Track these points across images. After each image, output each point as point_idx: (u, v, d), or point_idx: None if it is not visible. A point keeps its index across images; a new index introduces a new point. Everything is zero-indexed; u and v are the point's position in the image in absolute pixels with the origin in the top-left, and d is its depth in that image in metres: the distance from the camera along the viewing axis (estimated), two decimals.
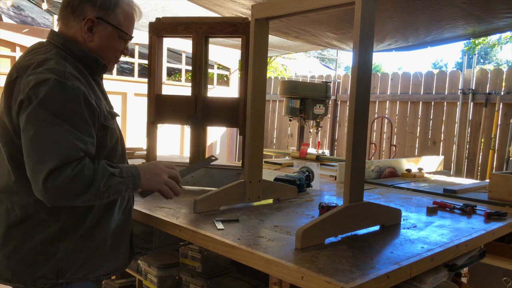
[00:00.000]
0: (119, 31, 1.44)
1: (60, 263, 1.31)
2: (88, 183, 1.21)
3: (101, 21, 1.40)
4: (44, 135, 1.19)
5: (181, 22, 2.15)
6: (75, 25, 1.40)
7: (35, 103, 1.20)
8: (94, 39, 1.41)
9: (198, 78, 2.16)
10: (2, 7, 5.98)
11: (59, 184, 1.16)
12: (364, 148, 1.44)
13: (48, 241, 1.30)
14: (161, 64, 2.23)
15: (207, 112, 2.17)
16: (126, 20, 1.46)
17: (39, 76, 1.23)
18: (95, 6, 1.39)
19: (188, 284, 1.87)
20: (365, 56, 1.39)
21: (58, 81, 1.23)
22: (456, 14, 3.49)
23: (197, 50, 2.15)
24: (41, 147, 1.18)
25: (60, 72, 1.25)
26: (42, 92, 1.20)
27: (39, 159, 1.17)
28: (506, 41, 9.78)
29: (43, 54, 1.32)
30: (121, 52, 1.51)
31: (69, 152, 1.19)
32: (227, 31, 2.13)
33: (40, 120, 1.19)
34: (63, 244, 1.32)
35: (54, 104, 1.21)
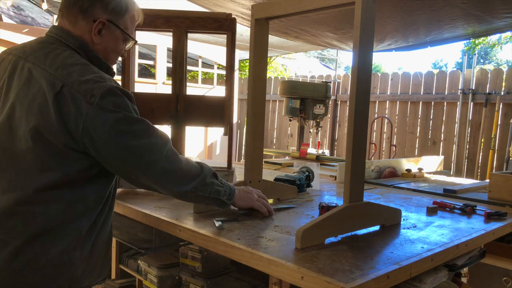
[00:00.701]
0: (125, 35, 1.44)
1: (75, 272, 1.30)
2: (198, 168, 1.40)
3: (111, 24, 1.39)
4: (142, 133, 1.29)
5: (161, 16, 2.01)
6: (83, 26, 1.36)
7: (116, 112, 1.24)
8: (102, 42, 1.39)
9: (179, 75, 2.04)
10: (2, 7, 5.98)
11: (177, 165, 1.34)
12: (364, 148, 1.44)
13: (66, 251, 1.27)
14: (134, 61, 2.09)
15: (190, 111, 2.05)
16: (131, 24, 1.46)
17: (100, 85, 1.24)
18: (106, 9, 1.37)
19: (188, 284, 1.87)
20: (365, 56, 1.39)
21: (117, 88, 1.28)
22: (456, 14, 3.49)
23: (178, 45, 2.03)
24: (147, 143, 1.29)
25: (109, 79, 1.30)
26: (115, 101, 1.25)
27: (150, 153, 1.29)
28: (506, 41, 9.78)
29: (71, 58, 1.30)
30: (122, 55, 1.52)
31: (166, 137, 1.36)
32: (211, 27, 2.02)
33: (131, 123, 1.27)
34: (79, 252, 1.30)
35: (127, 107, 1.28)
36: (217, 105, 2.06)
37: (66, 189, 1.26)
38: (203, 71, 7.14)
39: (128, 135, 1.26)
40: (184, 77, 2.06)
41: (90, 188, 1.31)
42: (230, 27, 2.01)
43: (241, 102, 7.96)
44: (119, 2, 1.40)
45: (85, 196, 1.30)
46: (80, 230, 1.29)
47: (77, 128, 1.22)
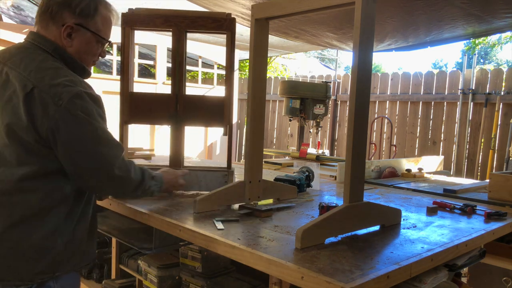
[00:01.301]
0: (98, 37, 1.51)
1: (57, 257, 1.40)
2: (141, 177, 1.55)
3: (80, 27, 1.46)
4: (99, 139, 1.40)
5: (160, 15, 2.01)
6: (54, 30, 1.45)
7: (80, 116, 1.34)
8: (73, 45, 1.47)
9: (179, 75, 2.03)
10: (2, 7, 5.98)
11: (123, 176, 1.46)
12: (364, 148, 1.44)
13: (46, 237, 1.38)
14: (133, 60, 2.09)
15: (188, 111, 2.05)
16: (104, 25, 1.53)
17: (69, 90, 1.34)
18: (74, 13, 1.44)
19: (188, 284, 1.87)
20: (365, 56, 1.39)
21: (86, 93, 1.37)
22: (456, 14, 3.49)
23: (178, 45, 2.02)
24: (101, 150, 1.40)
25: (78, 83, 1.39)
26: (81, 106, 1.35)
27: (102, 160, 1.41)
28: (506, 41, 9.78)
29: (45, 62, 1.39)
30: (98, 55, 1.58)
31: (120, 148, 1.47)
32: (210, 27, 2.01)
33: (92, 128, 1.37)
34: (59, 239, 1.40)
35: (93, 112, 1.38)
36: (216, 105, 2.05)
37: (43, 180, 1.38)
38: (203, 71, 7.14)
39: (87, 140, 1.37)
40: (184, 77, 2.05)
41: (65, 179, 1.41)
42: (229, 27, 2.00)
43: (241, 102, 7.95)
44: (87, 5, 1.46)
45: (61, 186, 1.41)
46: (59, 217, 1.41)
47: (42, 127, 1.32)
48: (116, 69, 5.34)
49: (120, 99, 2.04)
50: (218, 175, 2.02)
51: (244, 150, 2.11)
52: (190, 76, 9.20)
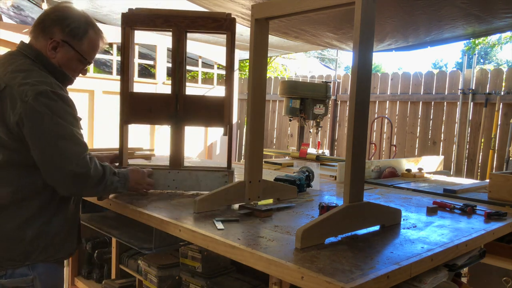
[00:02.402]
0: (81, 57, 1.64)
1: (27, 246, 1.51)
2: (102, 175, 1.56)
3: (66, 44, 1.60)
4: (61, 138, 1.45)
5: (160, 15, 2.00)
6: (42, 41, 1.59)
7: (43, 113, 1.42)
8: (57, 57, 1.60)
9: (179, 75, 2.02)
10: (2, 7, 5.98)
11: (83, 173, 1.48)
12: (364, 148, 1.44)
13: (18, 227, 1.49)
14: (133, 60, 2.08)
15: (189, 111, 2.04)
16: (90, 48, 1.66)
17: (35, 88, 1.44)
18: (64, 31, 1.59)
19: (188, 284, 1.87)
20: (365, 56, 1.39)
21: (53, 92, 1.46)
22: (456, 14, 3.49)
23: (178, 45, 2.02)
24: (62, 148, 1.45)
25: (49, 83, 1.48)
26: (45, 103, 1.43)
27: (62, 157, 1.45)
28: (506, 41, 9.79)
29: (22, 65, 1.52)
30: (78, 73, 1.71)
31: (84, 148, 1.51)
32: (210, 27, 2.01)
33: (54, 125, 1.44)
34: (30, 230, 1.51)
35: (58, 110, 1.46)
36: (216, 105, 2.05)
37: (14, 173, 1.49)
38: (203, 71, 7.14)
39: (47, 135, 1.44)
40: (184, 77, 2.05)
41: (38, 173, 1.49)
42: (229, 27, 2.00)
43: (241, 102, 7.95)
44: (77, 27, 1.61)
45: (34, 180, 1.50)
46: (31, 210, 1.51)
47: (10, 122, 1.44)
48: (116, 69, 5.34)
49: (120, 99, 2.02)
50: (218, 175, 2.02)
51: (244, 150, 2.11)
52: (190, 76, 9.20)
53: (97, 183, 1.56)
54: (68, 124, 1.48)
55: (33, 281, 1.53)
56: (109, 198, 1.88)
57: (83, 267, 2.53)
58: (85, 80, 4.94)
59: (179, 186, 2.03)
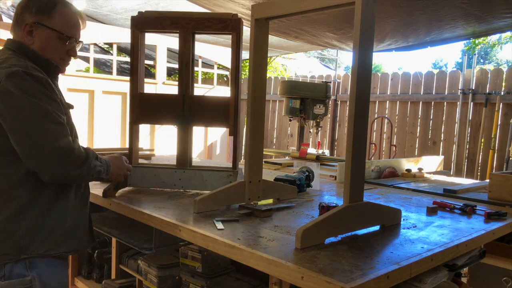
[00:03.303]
0: (57, 33, 1.56)
1: (22, 239, 1.44)
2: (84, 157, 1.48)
3: (38, 25, 1.54)
4: (36, 116, 1.39)
5: (167, 17, 2.05)
6: (19, 32, 1.56)
7: (16, 92, 1.37)
8: (35, 42, 1.55)
9: (186, 76, 2.07)
10: (2, 7, 5.98)
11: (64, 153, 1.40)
12: (364, 148, 1.44)
13: (8, 219, 1.43)
14: (143, 61, 2.14)
15: (195, 111, 2.08)
16: (63, 22, 1.58)
17: (7, 70, 1.40)
18: (31, 12, 1.54)
19: (188, 284, 1.87)
20: (365, 56, 1.39)
21: (25, 72, 1.41)
22: (456, 14, 3.49)
23: (185, 46, 2.06)
24: (38, 127, 1.38)
25: (24, 66, 1.44)
26: (17, 82, 1.39)
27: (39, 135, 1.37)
28: (506, 41, 9.79)
29: (3, 56, 1.50)
30: (67, 54, 1.62)
31: (61, 127, 1.43)
32: (217, 28, 2.04)
33: (29, 104, 1.38)
34: (24, 222, 1.44)
35: (32, 89, 1.40)
36: (223, 106, 2.08)
37: None
38: (203, 71, 7.14)
39: (22, 116, 1.38)
40: (191, 78, 2.10)
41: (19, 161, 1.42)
42: (235, 27, 2.02)
43: (241, 102, 7.95)
44: (44, 4, 1.55)
45: (16, 167, 1.44)
46: (20, 201, 1.45)
47: None
48: (116, 69, 5.34)
49: (130, 100, 2.10)
50: (223, 175, 2.05)
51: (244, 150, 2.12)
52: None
53: (81, 165, 1.47)
54: (43, 103, 1.41)
55: (31, 282, 1.45)
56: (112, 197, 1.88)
57: (83, 267, 2.53)
58: (85, 80, 4.94)
59: (185, 185, 2.08)
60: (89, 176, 1.54)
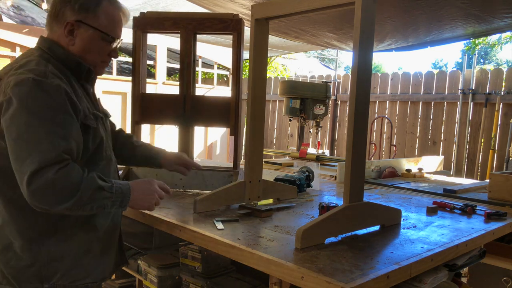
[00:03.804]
0: (101, 33, 1.40)
1: (43, 268, 1.30)
2: (72, 190, 1.19)
3: (81, 24, 1.37)
4: (26, 137, 1.18)
5: (169, 17, 2.06)
6: (57, 30, 1.39)
7: (16, 104, 1.20)
8: (76, 43, 1.38)
9: (187, 77, 2.09)
10: (2, 7, 5.98)
11: (40, 187, 1.15)
12: (364, 148, 1.44)
13: (27, 246, 1.29)
14: (145, 62, 2.14)
15: (196, 111, 2.10)
16: (109, 21, 1.41)
17: (18, 77, 1.23)
18: (74, 9, 1.36)
19: (188, 284, 1.87)
20: (365, 56, 1.39)
21: (36, 80, 1.22)
22: (456, 14, 3.49)
23: (186, 47, 2.07)
24: (24, 149, 1.18)
25: (40, 71, 1.25)
26: (21, 93, 1.20)
27: (23, 161, 1.17)
28: (506, 41, 9.78)
29: (27, 58, 1.33)
30: (108, 55, 1.46)
31: (49, 155, 1.17)
32: (217, 28, 2.05)
33: (22, 122, 1.19)
34: (44, 248, 1.29)
35: (35, 103, 1.20)
36: (224, 106, 2.09)
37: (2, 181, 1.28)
38: (203, 71, 7.14)
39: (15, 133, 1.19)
40: (192, 78, 2.11)
41: None
42: (236, 27, 2.03)
43: (241, 102, 7.95)
44: (88, 1, 1.38)
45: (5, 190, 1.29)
46: (39, 226, 1.29)
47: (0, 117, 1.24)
48: (116, 69, 5.34)
49: (132, 100, 2.10)
50: (224, 175, 2.06)
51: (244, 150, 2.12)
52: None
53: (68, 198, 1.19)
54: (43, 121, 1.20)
55: None
56: None
57: None
58: None
59: (186, 185, 2.09)
60: (84, 210, 1.24)
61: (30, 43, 4.98)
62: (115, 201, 1.29)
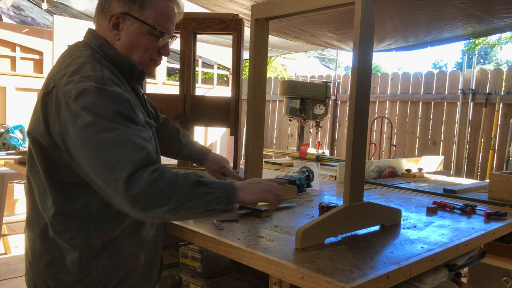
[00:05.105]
0: (149, 27, 1.28)
1: (92, 284, 1.24)
2: (172, 189, 1.12)
3: (127, 16, 1.26)
4: (108, 145, 1.10)
5: None
6: (103, 24, 1.29)
7: (85, 115, 1.11)
8: (121, 37, 1.28)
9: (187, 76, 2.10)
10: (2, 7, 5.98)
11: (140, 191, 1.08)
12: (364, 148, 1.44)
13: (78, 261, 1.22)
14: None
15: (196, 111, 2.11)
16: (158, 14, 1.29)
17: (79, 85, 1.13)
18: (120, 0, 1.27)
19: (188, 284, 1.87)
20: (365, 56, 1.39)
21: (99, 88, 1.13)
22: (456, 14, 3.50)
23: (186, 47, 2.07)
24: (109, 157, 1.09)
25: (99, 78, 1.16)
26: (88, 103, 1.11)
27: (111, 169, 1.09)
28: (506, 41, 9.79)
29: (78, 58, 1.23)
30: (158, 53, 1.35)
31: (138, 157, 1.11)
32: (217, 28, 2.05)
33: (98, 131, 1.10)
34: (94, 263, 1.23)
35: (104, 111, 1.12)
36: (224, 106, 2.09)
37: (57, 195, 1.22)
38: (203, 71, 7.14)
39: (93, 143, 1.10)
40: (192, 78, 2.10)
41: (92, 193, 1.21)
42: (236, 27, 2.02)
43: (241, 102, 7.95)
44: None
45: (87, 203, 1.22)
46: (92, 239, 1.22)
47: (54, 130, 1.16)
48: None
49: None
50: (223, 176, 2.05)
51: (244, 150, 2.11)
52: None
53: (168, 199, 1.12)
54: (120, 126, 1.13)
55: None
56: None
57: None
58: None
59: None
60: (189, 209, 1.15)
61: (30, 43, 4.98)
62: (220, 196, 1.19)
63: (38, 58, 5.08)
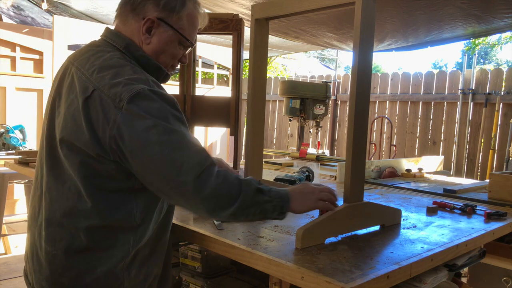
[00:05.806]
0: (181, 37, 1.29)
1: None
2: (236, 191, 1.14)
3: (162, 22, 1.26)
4: (171, 147, 1.09)
5: None
6: (133, 24, 1.27)
7: (144, 118, 1.08)
8: (152, 42, 1.27)
9: (187, 76, 2.09)
10: (2, 7, 5.98)
11: (211, 191, 1.10)
12: (364, 148, 1.44)
13: (112, 271, 1.18)
14: None
15: (197, 111, 2.10)
16: (189, 25, 1.31)
17: (129, 88, 1.10)
18: (158, 5, 1.25)
19: (188, 284, 1.87)
20: (365, 56, 1.39)
21: (152, 91, 1.12)
22: (456, 14, 3.50)
23: None
24: (174, 160, 1.08)
25: (145, 80, 1.15)
26: (144, 106, 1.09)
27: (177, 172, 1.08)
28: (506, 41, 9.79)
29: (110, 60, 1.20)
30: (178, 60, 1.37)
31: (202, 158, 1.11)
32: (217, 28, 2.04)
33: (160, 132, 1.08)
34: (126, 273, 1.21)
35: (162, 113, 1.11)
36: (224, 106, 2.09)
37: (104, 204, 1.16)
38: (203, 71, 7.14)
39: (157, 146, 1.08)
40: (192, 78, 2.10)
41: (133, 202, 1.19)
42: (236, 27, 2.02)
43: (241, 102, 7.95)
44: (174, 0, 1.27)
45: (129, 211, 1.19)
46: (128, 246, 1.20)
47: (104, 136, 1.11)
48: None
49: None
50: None
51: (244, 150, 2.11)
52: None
53: (230, 203, 1.14)
54: (179, 127, 1.13)
55: None
56: None
57: None
58: None
59: None
60: (248, 215, 1.18)
61: (30, 43, 4.99)
62: (276, 205, 1.20)
63: (38, 58, 5.08)
